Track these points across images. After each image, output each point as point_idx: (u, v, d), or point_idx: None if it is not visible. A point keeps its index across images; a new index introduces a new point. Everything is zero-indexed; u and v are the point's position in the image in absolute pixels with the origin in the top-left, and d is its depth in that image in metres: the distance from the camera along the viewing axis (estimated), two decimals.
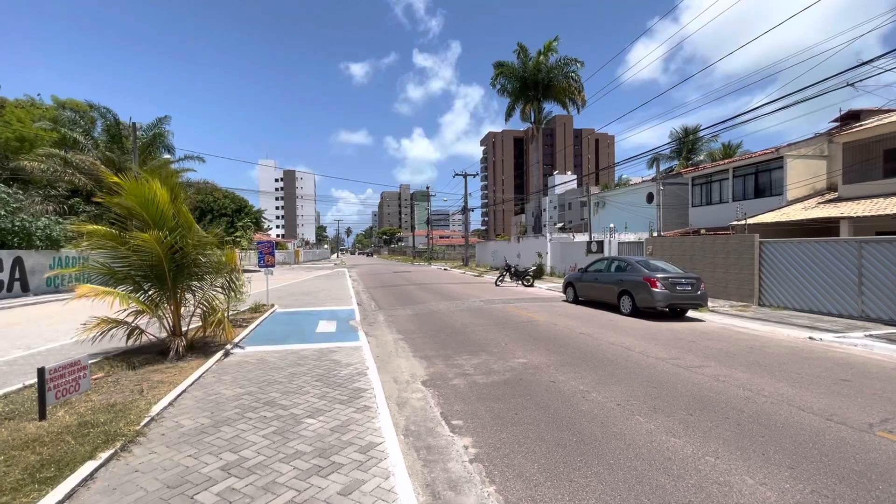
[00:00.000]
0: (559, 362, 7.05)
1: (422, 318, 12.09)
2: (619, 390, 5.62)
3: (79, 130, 26.22)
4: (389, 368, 7.00)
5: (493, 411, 4.99)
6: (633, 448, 3.99)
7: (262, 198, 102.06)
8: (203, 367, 6.49)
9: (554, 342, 8.56)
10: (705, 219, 24.35)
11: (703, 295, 11.28)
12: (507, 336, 9.23)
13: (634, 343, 8.36)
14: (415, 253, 74.22)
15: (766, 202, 20.67)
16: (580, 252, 23.88)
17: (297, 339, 8.97)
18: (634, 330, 9.74)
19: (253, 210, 40.65)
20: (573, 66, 30.82)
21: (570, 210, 71.98)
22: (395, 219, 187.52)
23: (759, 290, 13.59)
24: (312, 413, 4.76)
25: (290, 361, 7.05)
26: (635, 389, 5.63)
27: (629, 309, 11.63)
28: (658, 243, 17.71)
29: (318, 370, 6.51)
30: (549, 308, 13.34)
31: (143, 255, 6.95)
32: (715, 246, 15.02)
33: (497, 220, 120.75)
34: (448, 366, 7.05)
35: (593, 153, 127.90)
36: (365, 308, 14.23)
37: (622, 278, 12.06)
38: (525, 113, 33.30)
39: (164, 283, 7.47)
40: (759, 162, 21.48)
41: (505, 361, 7.17)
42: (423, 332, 9.94)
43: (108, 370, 6.42)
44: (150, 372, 6.39)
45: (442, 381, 6.26)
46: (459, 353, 7.91)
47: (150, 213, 7.14)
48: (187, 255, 7.50)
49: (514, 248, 31.68)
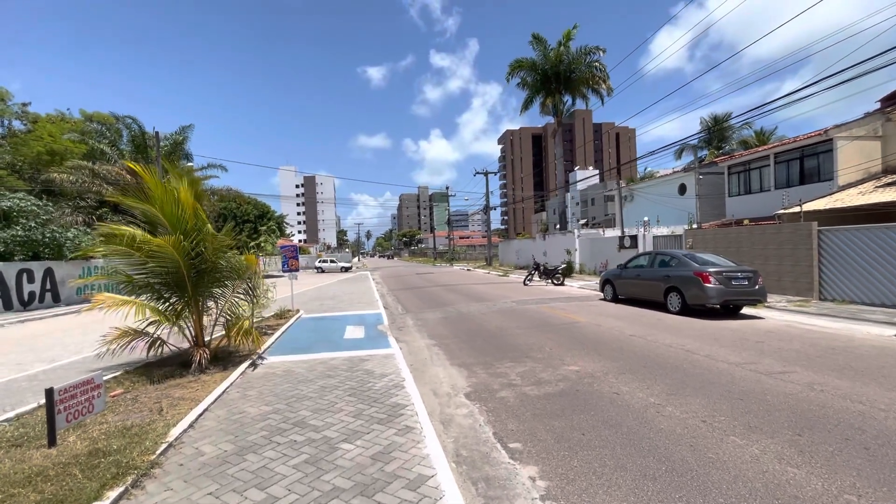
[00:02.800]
0: (616, 369, 6.28)
1: (452, 321, 11.44)
2: (697, 403, 4.83)
3: (105, 142, 26.64)
4: (426, 379, 6.38)
5: (554, 431, 4.29)
6: (742, 480, 3.23)
7: (284, 203, 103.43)
8: (226, 381, 5.98)
9: (604, 346, 7.77)
10: (744, 209, 22.95)
11: (762, 290, 10.27)
12: (550, 340, 8.49)
13: (695, 345, 7.50)
14: (436, 254, 73.72)
15: (813, 189, 19.23)
16: (611, 248, 22.83)
17: (325, 346, 8.45)
18: (689, 330, 8.86)
19: (275, 215, 40.83)
20: (595, 55, 29.72)
21: (592, 206, 70.24)
22: (413, 221, 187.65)
23: (818, 283, 12.43)
24: (348, 436, 4.16)
25: (320, 373, 6.49)
26: (717, 402, 4.84)
27: (678, 307, 10.71)
28: (699, 236, 16.61)
29: (351, 382, 5.93)
30: (588, 307, 12.50)
31: (160, 260, 6.51)
32: (765, 236, 13.89)
33: (517, 219, 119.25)
34: (491, 375, 6.38)
35: (614, 147, 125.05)
36: (392, 312, 13.68)
37: (669, 274, 11.14)
38: (545, 106, 32.33)
39: (184, 291, 7.03)
40: (805, 146, 20.04)
41: (554, 369, 6.45)
42: (456, 337, 9.29)
43: (127, 385, 5.98)
44: (171, 387, 5.93)
45: (487, 393, 5.59)
46: (501, 360, 7.22)
47: (167, 215, 6.71)
48: (207, 259, 7.05)
49: (539, 246, 30.74)
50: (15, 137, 29.64)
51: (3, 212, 17.81)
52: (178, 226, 6.75)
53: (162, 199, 6.62)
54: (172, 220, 6.77)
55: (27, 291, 16.60)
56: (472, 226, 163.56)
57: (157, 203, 6.63)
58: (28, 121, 31.64)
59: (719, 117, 42.01)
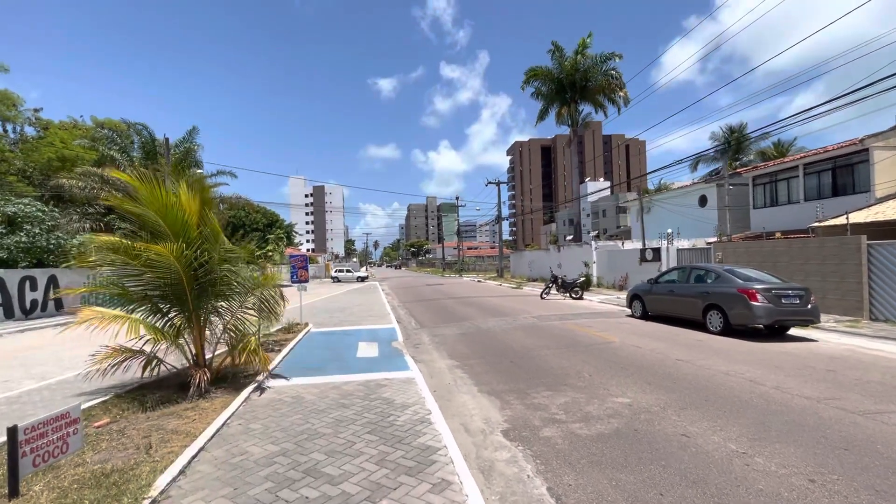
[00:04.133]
0: (674, 403, 5.44)
1: (472, 338, 10.64)
2: (792, 453, 3.99)
3: (115, 148, 26.39)
4: (453, 409, 5.59)
5: (624, 489, 3.48)
6: None
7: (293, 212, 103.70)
8: (228, 410, 5.24)
9: (649, 372, 6.93)
10: (771, 221, 21.97)
11: (815, 310, 9.37)
12: (586, 363, 7.66)
13: (757, 374, 6.63)
14: (444, 265, 72.91)
15: (847, 201, 18.22)
16: (632, 260, 21.92)
17: (336, 366, 7.69)
18: (741, 354, 7.98)
19: (284, 224, 40.44)
20: (612, 62, 29.09)
21: (604, 217, 69.30)
22: (421, 231, 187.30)
23: (869, 302, 11.47)
24: (372, 492, 3.38)
25: (333, 401, 5.73)
26: (817, 452, 3.99)
27: (719, 326, 9.82)
28: (729, 249, 15.71)
29: (369, 414, 5.15)
30: (617, 325, 11.64)
31: (160, 271, 5.84)
32: (806, 251, 12.96)
33: (525, 230, 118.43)
34: (528, 406, 5.57)
35: (623, 160, 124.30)
36: (405, 326, 12.91)
37: (708, 290, 10.26)
38: (561, 116, 31.70)
39: (185, 305, 6.34)
40: (838, 156, 19.12)
41: (601, 402, 5.62)
42: (479, 358, 8.49)
43: (115, 414, 5.26)
44: (166, 415, 5.20)
45: (528, 431, 4.78)
46: (535, 387, 6.41)
47: (168, 222, 6.05)
48: (212, 271, 6.36)
49: (553, 258, 29.86)
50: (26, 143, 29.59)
51: (8, 217, 17.43)
52: (180, 233, 6.09)
53: (162, 204, 5.97)
54: (175, 228, 6.11)
55: (29, 300, 16.10)
56: (479, 236, 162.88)
57: (155, 208, 5.97)
58: (40, 126, 31.66)
59: (735, 128, 41.17)
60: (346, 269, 44.37)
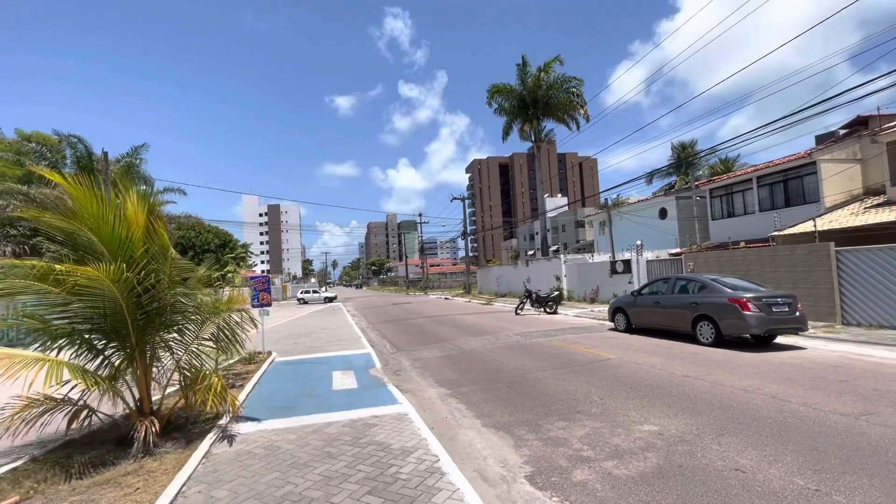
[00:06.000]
0: (707, 429, 4.89)
1: (456, 361, 9.84)
2: (868, 486, 3.48)
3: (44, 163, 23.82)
4: (459, 450, 4.77)
5: None
6: None
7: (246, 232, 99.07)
8: (183, 473, 4.15)
9: (663, 393, 6.41)
10: (729, 232, 22.78)
11: (803, 317, 9.33)
12: (591, 385, 7.05)
13: (773, 388, 6.25)
14: (408, 283, 71.65)
15: (800, 211, 19.17)
16: (601, 273, 21.98)
17: (311, 403, 6.65)
18: (743, 367, 7.66)
19: (238, 245, 38.10)
20: (573, 83, 29.87)
21: (563, 232, 70.85)
22: (382, 249, 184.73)
23: (840, 307, 11.73)
24: None
25: (316, 449, 4.74)
26: None
27: (710, 338, 9.58)
28: (701, 259, 15.91)
29: (365, 466, 4.23)
30: (604, 340, 11.21)
31: (92, 299, 4.70)
32: (776, 258, 13.24)
33: (486, 246, 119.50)
34: (545, 442, 4.84)
35: (577, 177, 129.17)
36: (380, 350, 11.91)
37: (697, 301, 10.05)
38: (524, 131, 32.09)
39: (125, 340, 5.19)
40: (788, 169, 20.16)
41: (626, 431, 4.99)
42: (472, 384, 7.70)
43: (28, 487, 4.04)
44: (98, 485, 4.05)
45: (557, 474, 4.05)
46: (545, 416, 5.70)
47: (105, 238, 4.93)
48: (160, 297, 5.26)
49: (522, 273, 29.67)
50: None
51: None
52: (119, 252, 4.98)
53: (96, 216, 4.86)
54: (113, 245, 4.99)
55: None
56: (441, 253, 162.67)
57: (88, 221, 4.85)
58: None
59: (687, 144, 43.48)
60: (313, 291, 44.20)
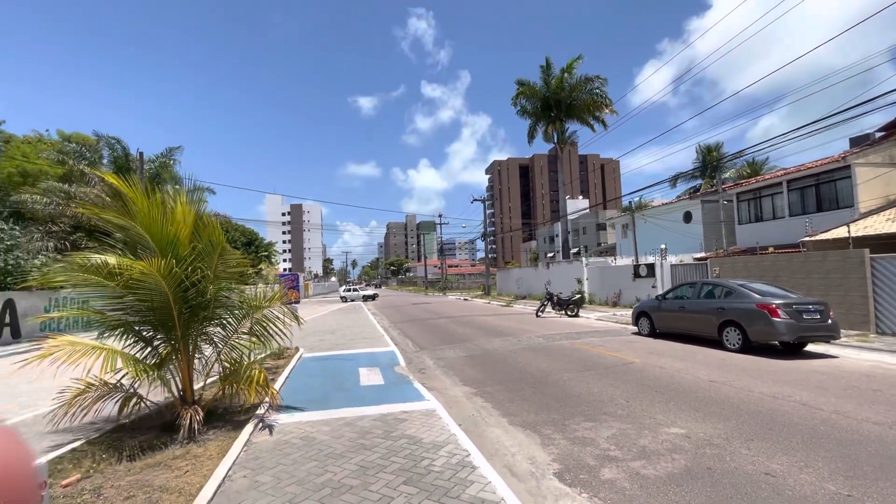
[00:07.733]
0: (736, 434, 4.90)
1: (480, 361, 9.97)
2: None
3: (84, 163, 24.93)
4: (488, 447, 4.90)
5: None
6: None
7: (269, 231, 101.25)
8: (228, 458, 4.40)
9: (690, 397, 6.41)
10: (756, 236, 22.30)
11: (835, 325, 9.12)
12: (615, 388, 7.09)
13: (803, 395, 6.19)
14: (427, 283, 72.01)
15: (832, 216, 18.62)
16: (624, 277, 21.75)
17: (342, 397, 6.89)
18: (772, 373, 7.57)
19: (264, 243, 39.06)
20: (596, 83, 29.60)
21: (584, 234, 70.11)
22: (401, 249, 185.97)
23: (874, 316, 11.39)
24: None
25: (350, 441, 4.95)
26: None
27: (737, 344, 9.45)
28: (728, 264, 15.62)
29: (398, 458, 4.41)
30: (627, 344, 11.17)
31: (143, 293, 5.01)
32: (808, 265, 12.92)
33: (505, 248, 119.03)
34: (572, 441, 4.93)
35: (599, 179, 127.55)
36: (404, 349, 12.12)
37: (723, 306, 9.93)
38: (547, 134, 31.97)
39: (171, 332, 5.50)
40: (821, 173, 19.60)
41: (652, 433, 5.04)
42: (497, 384, 7.82)
43: (87, 466, 4.35)
44: (150, 467, 4.33)
45: (586, 472, 4.14)
46: (571, 416, 5.78)
47: (154, 235, 5.25)
48: (205, 290, 5.56)
49: (542, 275, 29.56)
50: None
51: None
52: (169, 248, 5.30)
53: (148, 214, 5.18)
54: (162, 242, 5.32)
55: None
56: (459, 254, 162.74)
57: (140, 219, 5.18)
58: (1, 140, 29.77)
59: (713, 147, 42.48)
60: (353, 289, 46.10)
